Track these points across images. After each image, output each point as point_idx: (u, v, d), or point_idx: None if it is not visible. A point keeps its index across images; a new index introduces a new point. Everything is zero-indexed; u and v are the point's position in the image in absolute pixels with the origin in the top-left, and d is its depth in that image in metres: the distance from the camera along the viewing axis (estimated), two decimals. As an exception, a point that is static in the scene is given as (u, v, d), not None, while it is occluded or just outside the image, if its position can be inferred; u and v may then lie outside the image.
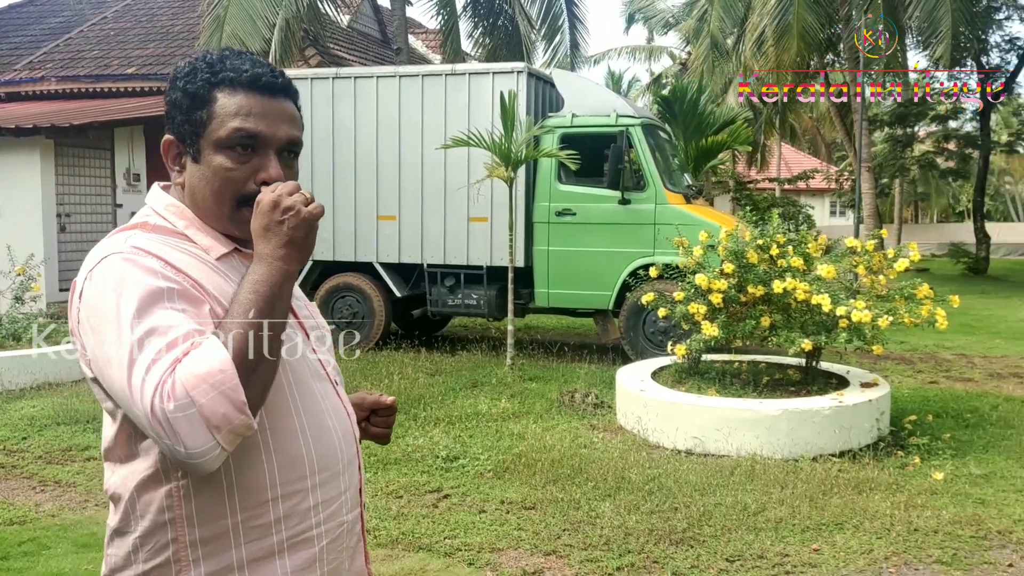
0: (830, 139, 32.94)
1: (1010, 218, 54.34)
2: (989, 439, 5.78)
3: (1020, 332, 11.11)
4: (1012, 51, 23.07)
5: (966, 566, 3.80)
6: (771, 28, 16.09)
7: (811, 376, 6.13)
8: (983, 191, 23.97)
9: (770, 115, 26.54)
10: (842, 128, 21.12)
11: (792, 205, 23.84)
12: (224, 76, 1.31)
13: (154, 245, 1.26)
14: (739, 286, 5.88)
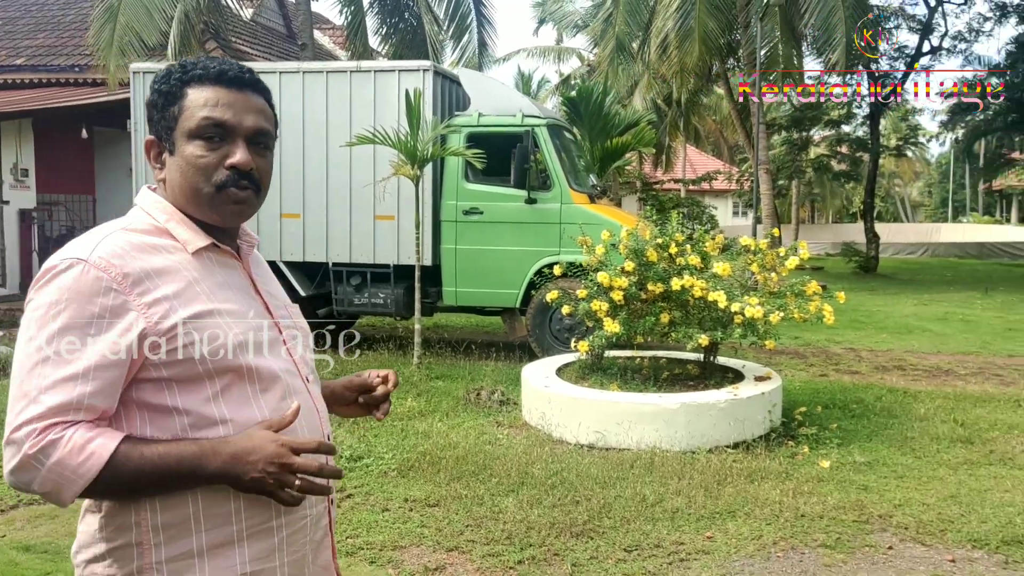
0: (732, 142, 33.95)
1: (900, 219, 57.14)
2: (873, 428, 6.08)
3: (905, 327, 11.71)
4: (900, 59, 24.28)
5: (849, 549, 4.00)
6: (674, 32, 16.47)
7: (709, 371, 6.33)
8: (873, 193, 25.14)
9: (675, 117, 27.20)
10: (743, 131, 21.80)
11: (696, 205, 24.51)
12: (194, 74, 1.40)
13: (123, 251, 1.31)
14: (640, 284, 6.03)
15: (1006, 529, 4.16)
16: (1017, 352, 9.55)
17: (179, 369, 1.32)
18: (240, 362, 1.36)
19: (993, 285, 18.14)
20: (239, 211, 1.43)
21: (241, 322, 1.39)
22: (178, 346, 1.31)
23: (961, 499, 4.62)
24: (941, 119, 30.68)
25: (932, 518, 4.35)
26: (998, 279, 20.08)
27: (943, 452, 5.52)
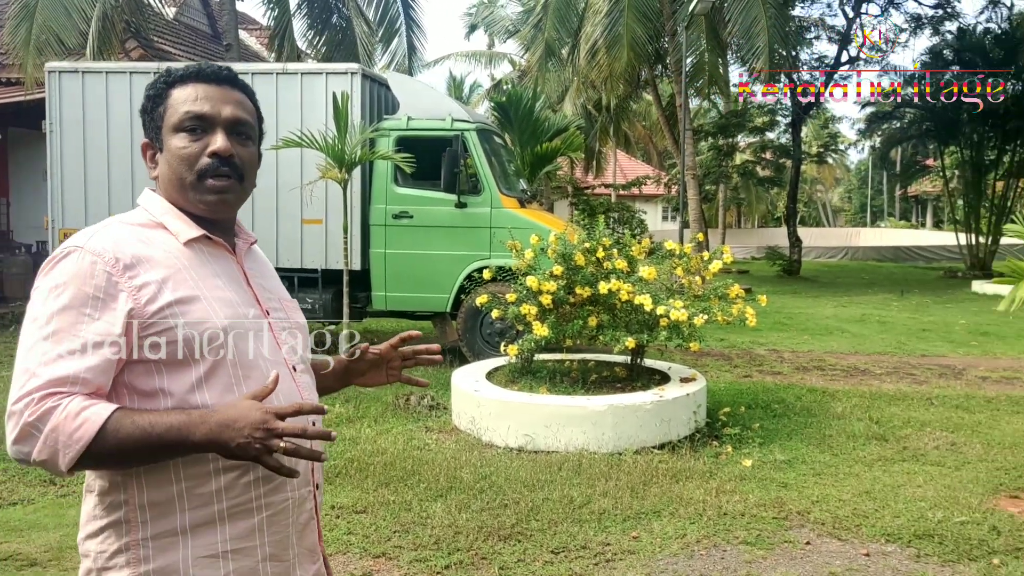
0: (661, 147, 34.53)
1: (821, 223, 58.89)
2: (793, 427, 6.26)
3: (825, 328, 12.07)
4: (820, 68, 25.03)
5: (768, 545, 4.10)
6: (603, 38, 16.69)
7: (636, 373, 6.42)
8: (796, 198, 25.85)
9: (605, 123, 27.53)
10: (671, 137, 22.19)
11: (627, 210, 24.82)
12: (176, 76, 1.52)
13: (119, 241, 1.40)
14: (568, 287, 6.09)
15: (918, 523, 4.32)
16: (930, 352, 9.94)
17: (165, 352, 1.39)
18: (224, 347, 1.43)
19: (908, 288, 18.86)
20: (221, 199, 1.51)
21: (227, 309, 1.46)
22: (163, 330, 1.38)
23: (875, 495, 4.78)
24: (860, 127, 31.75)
25: (848, 513, 4.49)
26: (913, 282, 20.87)
27: (859, 449, 5.71)
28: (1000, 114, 20.87)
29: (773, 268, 23.16)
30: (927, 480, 5.05)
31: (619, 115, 28.39)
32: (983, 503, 4.64)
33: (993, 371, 8.65)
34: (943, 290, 18.62)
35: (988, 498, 4.73)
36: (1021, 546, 4.03)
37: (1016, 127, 21.39)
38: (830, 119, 40.44)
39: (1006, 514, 4.47)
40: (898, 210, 55.42)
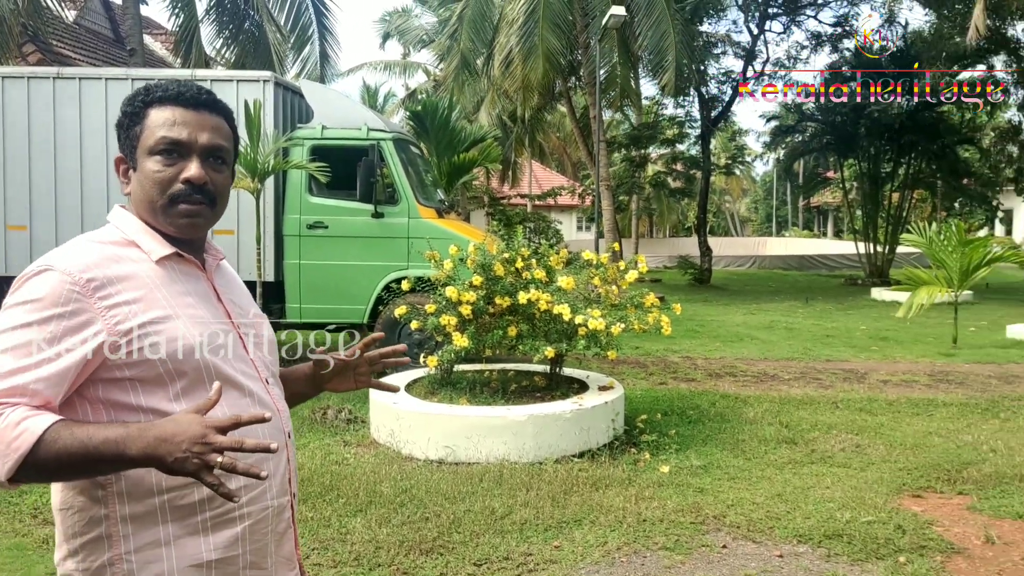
0: (576, 158, 34.98)
1: (730, 233, 60.66)
2: (708, 433, 6.40)
3: (736, 335, 12.41)
4: (728, 83, 25.83)
5: (687, 550, 4.18)
6: (518, 49, 16.80)
7: (555, 382, 6.46)
8: (706, 208, 26.58)
9: (520, 134, 27.73)
10: (585, 148, 22.50)
11: (543, 220, 25.09)
12: (155, 95, 1.50)
13: (90, 261, 1.40)
14: (487, 298, 6.08)
15: (827, 524, 4.46)
16: (834, 357, 10.32)
17: (140, 370, 1.39)
18: (198, 364, 1.44)
19: (812, 295, 19.56)
20: (191, 223, 1.51)
21: (200, 326, 1.47)
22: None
23: (787, 497, 4.92)
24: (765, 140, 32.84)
25: (761, 516, 4.61)
26: (816, 289, 21.66)
27: (770, 453, 5.87)
28: (895, 128, 21.93)
29: (685, 277, 23.70)
30: (835, 481, 5.22)
31: (534, 126, 28.66)
32: (888, 503, 4.82)
33: (893, 375, 9.03)
34: (845, 297, 19.39)
35: (892, 498, 4.93)
36: (925, 544, 4.21)
37: (910, 141, 22.49)
38: (737, 132, 41.72)
39: (910, 513, 4.67)
40: (801, 220, 57.54)
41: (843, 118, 22.57)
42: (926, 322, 13.21)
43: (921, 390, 8.20)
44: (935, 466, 5.50)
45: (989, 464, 5.51)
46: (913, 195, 26.24)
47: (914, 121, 21.89)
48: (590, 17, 17.21)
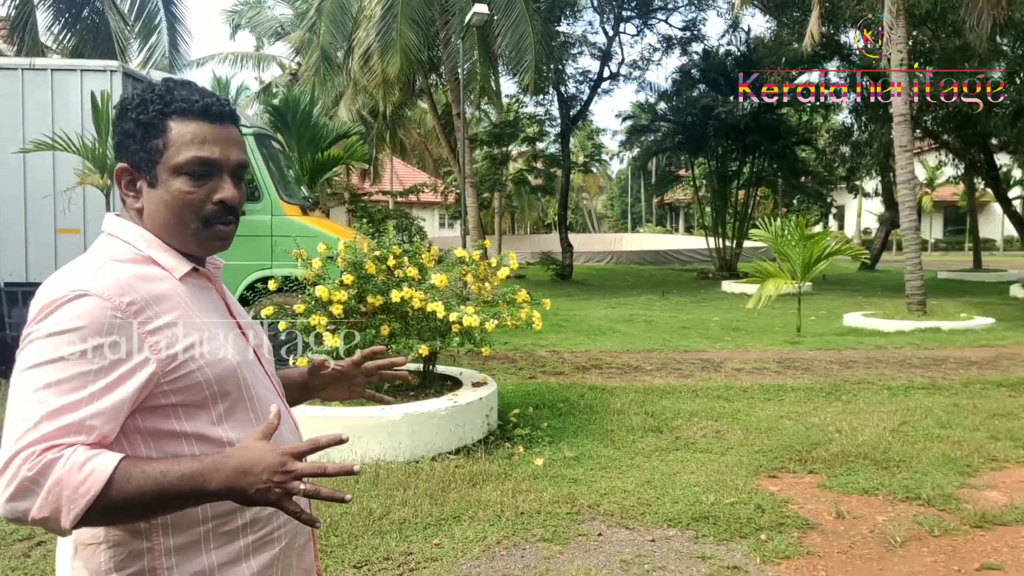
0: (437, 155, 34.93)
1: (588, 229, 62.21)
2: (579, 424, 6.56)
3: (599, 329, 12.76)
4: (585, 83, 26.50)
5: (564, 540, 4.27)
6: (376, 43, 16.61)
7: (429, 380, 6.45)
8: (566, 205, 27.17)
9: (381, 130, 27.42)
10: (447, 145, 22.51)
11: (405, 217, 24.90)
12: (176, 106, 1.38)
13: (121, 283, 1.29)
14: (359, 297, 6.00)
15: (694, 507, 4.67)
16: (691, 347, 10.80)
17: (185, 395, 1.32)
18: (239, 383, 1.39)
19: (668, 289, 20.38)
20: (221, 245, 1.46)
21: (232, 343, 1.42)
22: (184, 373, 1.31)
23: (656, 483, 5.12)
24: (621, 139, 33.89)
25: (633, 503, 4.78)
26: (671, 283, 22.59)
27: (638, 442, 6.09)
28: (741, 129, 23.14)
29: (547, 273, 24.15)
30: (699, 466, 5.47)
31: (395, 122, 28.40)
32: (748, 484, 5.10)
33: (746, 363, 9.55)
34: (698, 290, 20.32)
35: (751, 479, 5.22)
36: (783, 521, 4.48)
37: (754, 141, 23.81)
38: (594, 131, 42.86)
39: (768, 493, 4.96)
40: (655, 216, 59.77)
41: (693, 119, 23.62)
42: (773, 313, 14.03)
43: (771, 376, 8.71)
44: (788, 448, 5.86)
45: (835, 444, 5.92)
46: (757, 192, 27.79)
47: (757, 122, 23.18)
48: (450, 14, 17.23)
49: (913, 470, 5.32)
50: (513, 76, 19.89)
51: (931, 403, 7.24)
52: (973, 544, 4.19)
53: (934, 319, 12.82)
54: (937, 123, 18.34)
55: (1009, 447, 5.84)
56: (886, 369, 9.04)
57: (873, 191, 30.96)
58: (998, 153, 20.56)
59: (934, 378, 8.43)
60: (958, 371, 8.86)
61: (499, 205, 30.21)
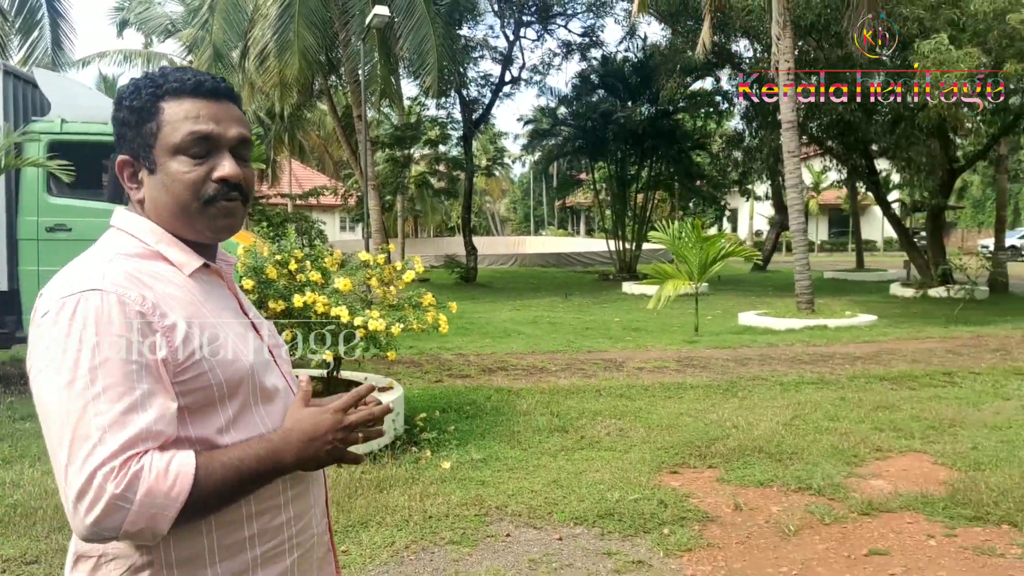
0: (337, 157, 34.42)
1: (491, 232, 62.45)
2: (485, 427, 6.59)
3: (504, 331, 12.84)
4: (487, 86, 26.60)
5: (473, 542, 4.29)
6: (273, 43, 16.25)
7: (333, 385, 6.35)
8: (469, 208, 27.21)
9: (279, 131, 26.86)
10: (347, 147, 22.22)
11: (305, 220, 24.44)
12: (168, 87, 1.33)
13: (132, 277, 1.25)
14: (260, 302, 5.86)
15: (599, 504, 4.77)
16: (594, 348, 10.98)
17: (195, 397, 1.27)
18: (250, 384, 1.33)
19: (571, 290, 20.67)
20: (229, 224, 1.37)
21: (244, 342, 1.36)
22: (196, 375, 1.26)
23: (562, 483, 5.19)
24: (523, 143, 34.16)
25: (540, 503, 4.83)
26: (574, 285, 22.91)
27: (544, 442, 6.16)
28: (639, 134, 23.67)
29: (452, 276, 24.12)
30: (603, 464, 5.58)
31: (294, 124, 27.87)
32: (650, 480, 5.24)
33: (647, 362, 9.78)
34: (599, 292, 20.67)
35: (654, 475, 5.36)
36: (684, 515, 4.62)
37: (652, 146, 24.39)
38: (496, 135, 43.08)
39: (670, 488, 5.10)
40: (557, 219, 60.49)
41: (593, 123, 24.02)
42: (672, 313, 14.41)
43: (671, 375, 8.95)
44: (688, 444, 6.04)
45: (733, 439, 6.13)
46: (655, 196, 28.48)
47: (654, 127, 23.76)
48: (350, 15, 17.01)
49: (805, 461, 5.56)
50: (415, 79, 19.78)
51: (820, 397, 7.58)
52: (861, 531, 4.41)
53: (821, 317, 13.43)
54: (822, 130, 19.18)
55: (892, 437, 6.18)
56: (778, 366, 9.42)
57: (764, 195, 32.15)
58: (878, 159, 21.66)
59: (822, 373, 8.84)
60: (844, 366, 9.31)
61: (402, 208, 29.98)
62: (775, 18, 14.02)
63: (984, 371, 8.86)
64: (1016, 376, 8.59)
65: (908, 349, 10.57)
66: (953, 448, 5.83)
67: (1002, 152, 20.68)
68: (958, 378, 8.52)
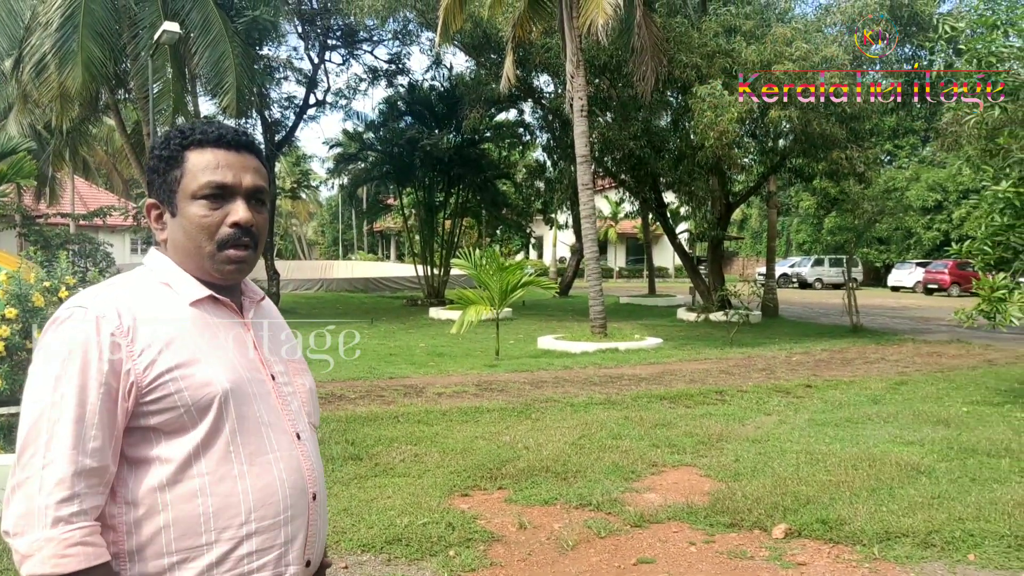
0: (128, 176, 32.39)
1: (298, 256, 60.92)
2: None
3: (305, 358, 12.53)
4: (291, 108, 26.08)
5: None
6: (53, 53, 15.14)
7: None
8: (273, 232, 26.45)
9: (59, 147, 24.96)
10: (137, 165, 20.98)
11: (90, 242, 22.77)
12: (193, 139, 1.48)
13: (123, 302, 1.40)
14: (25, 332, 5.44)
15: (388, 530, 4.79)
16: (396, 374, 11.00)
17: (164, 417, 1.37)
18: (222, 411, 1.39)
19: (378, 316, 20.57)
20: (239, 268, 1.50)
21: (229, 372, 1.43)
22: (164, 395, 1.36)
23: (352, 511, 5.17)
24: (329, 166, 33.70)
25: (328, 532, 4.77)
26: (381, 310, 22.82)
27: (337, 471, 6.10)
28: (446, 162, 24.05)
29: (252, 301, 23.28)
30: (396, 491, 5.61)
31: (76, 139, 25.95)
32: (441, 504, 5.33)
33: (447, 387, 9.91)
34: (407, 317, 20.71)
35: (445, 499, 5.45)
36: (471, 537, 4.74)
37: (459, 173, 24.84)
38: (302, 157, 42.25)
39: (459, 511, 5.21)
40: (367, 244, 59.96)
41: (400, 149, 24.15)
42: (474, 337, 14.69)
43: (470, 399, 9.13)
44: (480, 466, 6.19)
45: (523, 460, 6.35)
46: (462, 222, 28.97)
47: (461, 156, 24.23)
48: (139, 28, 16.18)
49: (587, 479, 5.86)
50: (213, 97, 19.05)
51: (606, 417, 8.01)
52: (632, 542, 4.72)
53: (613, 340, 14.18)
54: (615, 164, 20.32)
55: (667, 453, 6.64)
56: (571, 387, 9.85)
57: (566, 223, 33.54)
58: (666, 192, 23.22)
59: (610, 394, 9.34)
60: (630, 387, 9.89)
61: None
62: (569, 57, 14.77)
63: (750, 389, 9.72)
64: (777, 393, 9.49)
65: (688, 370, 11.39)
66: (718, 461, 6.36)
67: (771, 188, 22.83)
68: (728, 396, 9.29)
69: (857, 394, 9.43)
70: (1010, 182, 8.35)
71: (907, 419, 7.92)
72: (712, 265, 21.62)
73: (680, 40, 15.58)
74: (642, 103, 16.45)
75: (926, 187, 37.18)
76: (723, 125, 13.39)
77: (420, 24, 22.68)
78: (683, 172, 18.49)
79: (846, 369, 11.69)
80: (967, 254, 9.23)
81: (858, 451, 6.56)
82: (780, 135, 17.18)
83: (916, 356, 13.28)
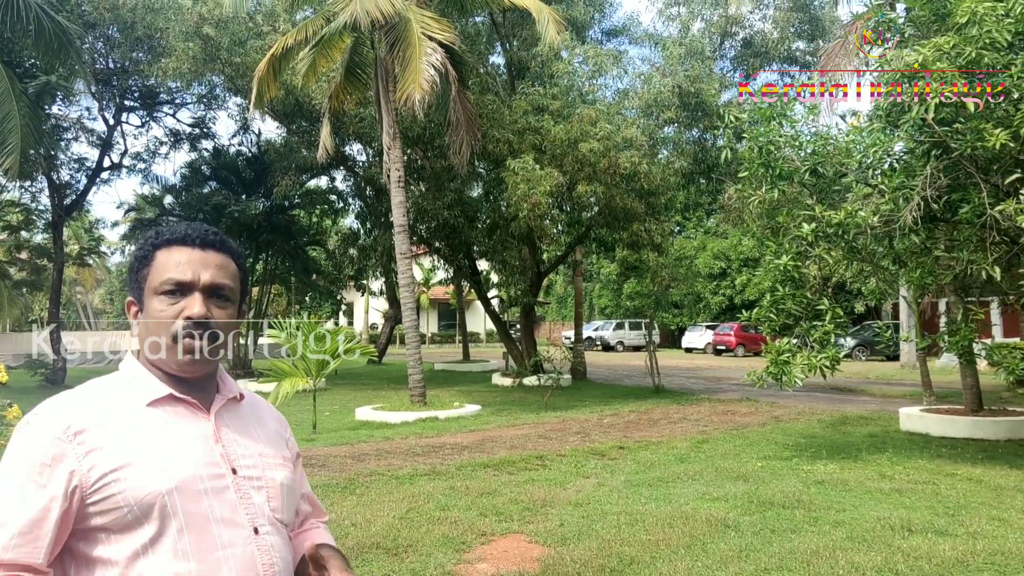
0: None
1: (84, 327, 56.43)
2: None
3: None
4: (83, 171, 24.52)
5: None
6: None
7: None
8: (58, 301, 24.46)
9: None
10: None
11: None
12: (163, 239, 1.55)
13: (77, 407, 1.45)
14: None
15: None
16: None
17: (109, 518, 1.38)
18: (167, 510, 1.40)
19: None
20: (191, 360, 1.52)
21: (173, 470, 1.43)
22: (107, 496, 1.38)
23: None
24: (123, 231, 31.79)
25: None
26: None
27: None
28: (254, 228, 23.40)
29: (35, 378, 21.39)
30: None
31: None
32: None
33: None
34: (211, 390, 19.64)
35: None
36: None
37: (268, 240, 24.21)
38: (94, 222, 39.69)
39: None
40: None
41: (205, 215, 23.25)
42: (290, 410, 14.20)
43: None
44: (307, 547, 5.99)
45: (351, 537, 6.23)
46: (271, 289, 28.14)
47: (271, 222, 23.68)
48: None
49: (419, 553, 5.84)
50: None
51: (432, 488, 8.02)
52: (470, 614, 4.74)
53: (433, 408, 14.22)
54: (429, 232, 20.63)
55: (494, 521, 6.74)
56: (394, 459, 9.77)
57: (379, 290, 33.40)
58: (479, 260, 23.79)
59: (434, 464, 9.35)
60: (453, 456, 9.95)
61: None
62: (386, 129, 14.98)
63: (568, 453, 10.06)
64: (593, 456, 9.89)
65: (507, 436, 11.62)
66: (544, 527, 6.53)
67: (577, 257, 23.98)
68: (548, 461, 9.57)
69: (665, 454, 10.00)
70: (789, 257, 9.34)
71: (711, 476, 8.51)
72: (524, 330, 22.26)
73: (492, 116, 16.25)
74: (456, 174, 16.91)
75: (712, 255, 40.41)
76: (536, 197, 14.03)
77: (228, 89, 22.18)
78: (496, 241, 19.08)
79: (653, 429, 12.37)
80: (755, 320, 10.16)
81: (671, 509, 6.96)
82: (586, 208, 18.16)
83: (713, 415, 14.28)
